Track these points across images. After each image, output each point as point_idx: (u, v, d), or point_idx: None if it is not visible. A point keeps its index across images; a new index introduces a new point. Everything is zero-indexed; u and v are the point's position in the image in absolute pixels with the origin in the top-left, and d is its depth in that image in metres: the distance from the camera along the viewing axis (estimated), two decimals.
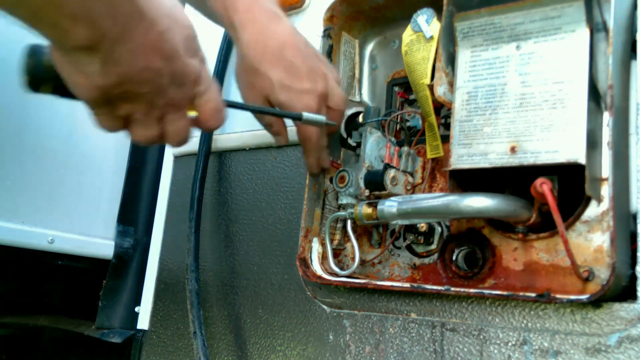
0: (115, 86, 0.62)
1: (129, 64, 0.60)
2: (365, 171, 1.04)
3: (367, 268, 1.10)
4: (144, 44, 0.60)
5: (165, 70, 0.63)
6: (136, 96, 0.64)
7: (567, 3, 0.83)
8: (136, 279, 1.41)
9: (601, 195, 0.83)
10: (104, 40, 0.57)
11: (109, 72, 0.60)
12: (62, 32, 0.55)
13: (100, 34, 0.56)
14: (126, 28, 0.57)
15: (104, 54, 0.58)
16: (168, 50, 0.63)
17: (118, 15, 0.56)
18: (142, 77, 0.62)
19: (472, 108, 0.90)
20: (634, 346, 0.75)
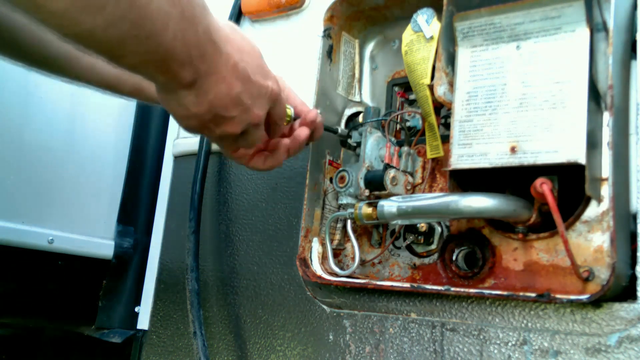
0: (207, 112, 0.75)
1: (215, 92, 0.73)
2: (365, 171, 1.04)
3: (367, 268, 1.10)
4: (224, 74, 0.73)
5: (245, 93, 0.76)
6: (227, 119, 0.77)
7: (567, 3, 0.83)
8: (136, 279, 1.40)
9: (601, 195, 0.83)
10: (199, 76, 0.70)
11: (202, 101, 0.73)
12: (172, 75, 0.68)
13: (197, 73, 0.70)
14: (211, 64, 0.71)
15: (197, 88, 0.71)
16: (243, 76, 0.75)
17: (206, 55, 0.69)
18: (228, 101, 0.75)
19: (472, 108, 0.90)
20: (634, 346, 0.75)
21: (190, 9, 0.65)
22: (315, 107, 1.14)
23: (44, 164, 1.28)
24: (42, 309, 1.38)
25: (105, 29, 0.58)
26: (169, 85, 0.71)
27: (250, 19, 1.29)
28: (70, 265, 1.35)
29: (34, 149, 1.27)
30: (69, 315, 1.41)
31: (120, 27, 0.59)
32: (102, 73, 0.92)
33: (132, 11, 0.59)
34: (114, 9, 0.57)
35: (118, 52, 0.63)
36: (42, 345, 1.47)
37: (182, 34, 0.65)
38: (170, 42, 0.64)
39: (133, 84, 0.94)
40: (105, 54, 0.63)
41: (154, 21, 0.61)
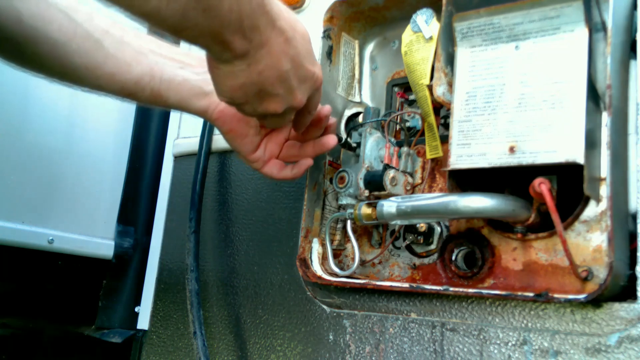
0: (254, 84, 0.77)
1: (265, 63, 0.75)
2: (365, 172, 1.04)
3: (367, 268, 1.10)
4: (276, 48, 0.75)
5: (292, 73, 0.79)
6: (272, 96, 0.80)
7: (565, 3, 0.83)
8: (136, 279, 1.40)
9: (600, 195, 0.83)
10: (252, 46, 0.73)
11: (252, 70, 0.75)
12: (227, 45, 0.71)
13: (250, 43, 0.72)
14: (264, 36, 0.73)
15: (249, 57, 0.74)
16: (292, 55, 0.78)
17: (260, 27, 0.72)
18: (276, 77, 0.77)
19: (471, 108, 0.90)
20: (634, 346, 0.76)
21: None
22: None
23: (44, 164, 1.28)
24: (42, 309, 1.38)
25: (168, 4, 0.62)
26: (224, 54, 0.73)
27: None
28: (70, 265, 1.35)
29: (34, 149, 1.27)
30: (69, 315, 1.41)
31: (179, 3, 0.63)
32: (122, 81, 0.93)
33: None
34: None
35: (180, 26, 0.67)
36: (42, 345, 1.47)
37: (237, 6, 0.68)
38: (226, 14, 0.67)
39: (151, 90, 0.95)
40: (168, 28, 0.67)
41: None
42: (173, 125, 1.41)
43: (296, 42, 0.78)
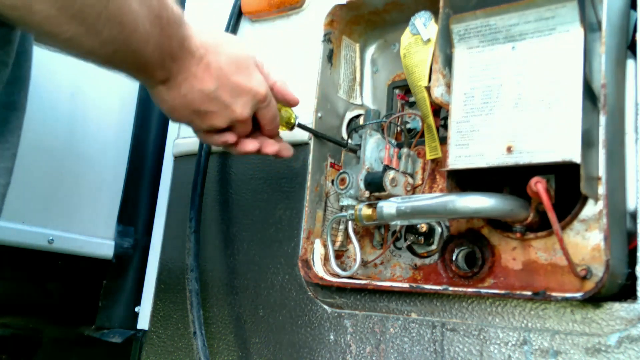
0: (184, 105, 0.87)
1: (186, 87, 0.85)
2: (365, 173, 1.04)
3: (369, 269, 1.11)
4: (196, 73, 0.85)
5: (221, 90, 0.87)
6: (208, 113, 0.88)
7: (560, 4, 0.84)
8: (136, 279, 1.40)
9: (598, 194, 0.83)
10: (171, 75, 0.83)
11: (175, 94, 0.85)
12: (149, 75, 0.82)
13: (169, 72, 0.83)
14: (181, 66, 0.83)
15: (170, 83, 0.84)
16: (217, 74, 0.86)
17: (178, 59, 0.82)
18: (203, 97, 0.86)
19: (469, 109, 0.91)
20: (634, 346, 0.76)
21: (168, 26, 0.78)
22: (316, 111, 1.15)
23: (44, 164, 1.28)
24: (42, 309, 1.38)
25: (101, 47, 0.72)
26: (148, 82, 0.85)
27: (250, 19, 1.30)
28: (70, 265, 1.35)
29: (34, 148, 1.27)
30: (69, 315, 1.41)
31: (112, 46, 0.73)
32: None
33: (122, 34, 0.72)
34: (109, 33, 0.71)
35: (108, 62, 0.77)
36: (42, 345, 1.47)
37: (159, 47, 0.78)
38: (150, 53, 0.78)
39: None
40: (98, 63, 0.77)
41: (138, 41, 0.75)
42: (173, 125, 1.42)
43: (218, 62, 0.86)
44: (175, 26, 0.80)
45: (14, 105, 0.84)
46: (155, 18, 0.76)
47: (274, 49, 1.25)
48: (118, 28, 0.71)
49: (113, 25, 0.70)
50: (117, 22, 0.70)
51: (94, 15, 0.68)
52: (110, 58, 0.76)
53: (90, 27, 0.68)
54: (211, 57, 0.86)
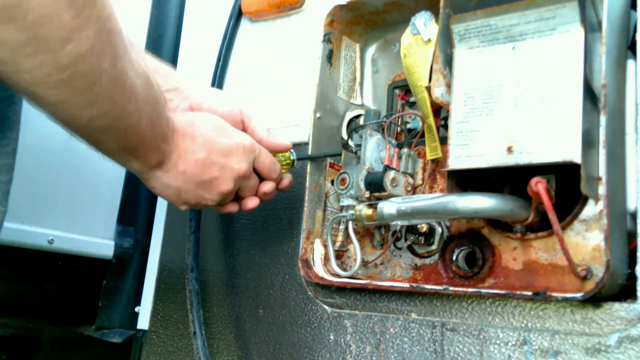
0: (187, 182, 0.88)
1: (182, 162, 0.86)
2: (366, 173, 1.04)
3: (369, 269, 1.11)
4: (184, 147, 0.86)
5: (212, 154, 0.88)
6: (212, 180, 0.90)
7: (561, 4, 0.84)
8: (136, 279, 1.40)
9: (599, 194, 0.83)
10: (165, 156, 0.84)
11: (176, 175, 0.86)
12: (143, 159, 0.82)
13: (163, 153, 0.83)
14: (172, 143, 0.84)
15: (166, 164, 0.85)
16: (203, 141, 0.88)
17: (167, 138, 0.83)
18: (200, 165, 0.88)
19: (469, 109, 0.91)
20: (634, 346, 0.76)
21: (157, 106, 0.79)
22: (315, 111, 1.15)
23: (44, 163, 1.28)
24: (42, 309, 1.38)
25: (90, 121, 0.69)
26: (144, 170, 0.85)
27: (250, 19, 1.30)
28: (70, 265, 1.35)
29: (34, 148, 1.27)
30: (69, 315, 1.41)
31: (104, 120, 0.70)
32: None
33: (116, 109, 0.70)
34: (100, 106, 0.68)
35: (100, 139, 0.75)
36: (42, 345, 1.47)
37: (151, 126, 0.78)
38: (143, 132, 0.77)
39: None
40: (88, 139, 0.74)
41: (132, 116, 0.73)
42: None
43: (200, 131, 0.88)
44: (162, 105, 0.81)
45: (11, 99, 0.83)
46: (147, 95, 0.75)
47: (274, 49, 1.26)
48: (111, 101, 0.69)
49: (106, 97, 0.68)
50: (110, 94, 0.68)
51: (87, 83, 0.65)
52: (99, 135, 0.73)
53: (81, 96, 0.65)
54: (193, 129, 0.87)
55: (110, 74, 0.67)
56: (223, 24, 1.31)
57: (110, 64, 0.66)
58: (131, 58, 0.71)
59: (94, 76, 0.65)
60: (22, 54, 0.59)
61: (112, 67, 0.66)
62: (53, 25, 0.58)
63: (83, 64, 0.63)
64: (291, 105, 1.19)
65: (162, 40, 1.51)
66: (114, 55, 0.67)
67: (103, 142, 0.76)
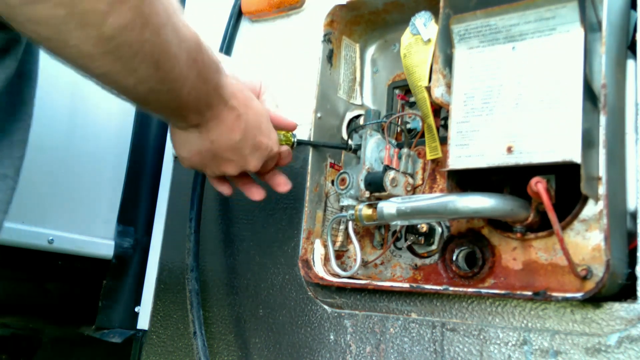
0: (208, 150, 0.90)
1: (216, 133, 0.88)
2: (366, 173, 1.04)
3: (369, 269, 1.11)
4: (227, 122, 0.87)
5: (244, 142, 0.91)
6: (227, 161, 0.93)
7: (561, 4, 0.84)
8: (136, 279, 1.40)
9: (599, 194, 0.83)
10: (204, 120, 0.86)
11: (205, 139, 0.88)
12: (183, 118, 0.85)
13: (203, 117, 0.85)
14: (215, 112, 0.85)
15: (202, 127, 0.87)
16: (244, 128, 0.90)
17: (212, 105, 0.84)
18: (228, 145, 0.90)
19: (469, 109, 0.91)
20: (634, 346, 0.76)
21: (205, 70, 0.79)
22: (316, 111, 1.15)
23: (43, 163, 1.28)
24: (42, 309, 1.38)
25: (136, 85, 0.72)
26: (180, 124, 0.87)
27: (250, 19, 1.30)
28: (70, 265, 1.34)
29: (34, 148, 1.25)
30: (69, 315, 1.41)
31: (147, 85, 0.73)
32: None
33: (158, 74, 0.72)
34: (144, 72, 0.70)
35: (143, 101, 0.78)
36: (42, 345, 1.47)
37: (195, 91, 0.79)
38: (185, 96, 0.78)
39: None
40: (133, 101, 0.78)
41: (174, 81, 0.75)
42: None
43: (248, 117, 0.90)
44: (212, 71, 0.81)
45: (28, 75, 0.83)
46: (192, 61, 0.76)
47: (274, 49, 1.26)
48: (154, 67, 0.70)
49: (149, 64, 0.69)
50: (153, 61, 0.69)
51: (131, 53, 0.66)
52: (144, 97, 0.76)
53: (125, 65, 0.67)
54: (242, 110, 0.89)
55: (153, 42, 0.68)
56: (223, 24, 1.31)
57: (153, 33, 0.67)
58: (176, 24, 0.71)
59: (137, 45, 0.66)
60: (66, 29, 0.60)
61: (155, 35, 0.67)
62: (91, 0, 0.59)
63: (126, 35, 0.64)
64: (291, 105, 1.19)
65: None
66: (156, 24, 0.67)
67: (148, 103, 0.79)
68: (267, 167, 1.01)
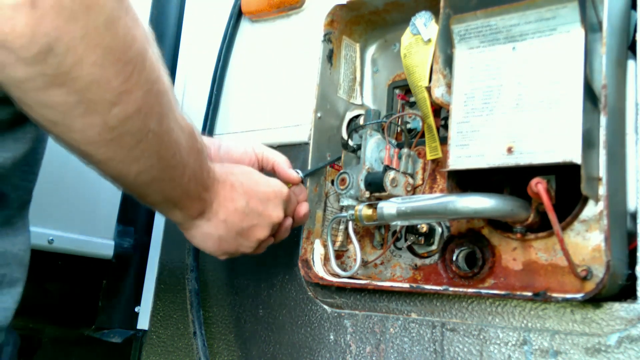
0: (228, 231, 0.90)
1: (224, 211, 0.88)
2: (366, 173, 1.04)
3: (369, 269, 1.11)
4: (226, 195, 0.88)
5: (251, 201, 0.91)
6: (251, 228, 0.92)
7: (561, 4, 0.83)
8: (136, 279, 1.40)
9: (599, 194, 0.83)
10: (207, 205, 0.86)
11: (217, 223, 0.88)
12: (186, 209, 0.85)
13: (205, 202, 0.86)
14: (213, 193, 0.87)
15: (208, 213, 0.87)
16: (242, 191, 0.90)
17: (209, 187, 0.85)
18: (240, 214, 0.90)
19: (469, 109, 0.91)
20: (634, 346, 0.76)
21: (199, 157, 0.80)
22: (316, 110, 1.15)
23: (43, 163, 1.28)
24: (42, 309, 1.38)
25: (138, 174, 0.72)
26: (186, 219, 0.87)
27: (250, 19, 1.30)
28: (70, 265, 1.34)
29: None
30: (69, 315, 1.41)
31: (149, 174, 0.73)
32: None
33: (160, 162, 0.73)
34: (147, 160, 0.70)
35: (147, 192, 0.78)
36: (42, 345, 1.47)
37: (194, 177, 0.81)
38: (186, 183, 0.79)
39: None
40: (135, 192, 0.77)
41: (175, 169, 0.76)
42: None
43: (239, 180, 0.91)
44: (204, 156, 0.83)
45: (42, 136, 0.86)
46: (189, 148, 0.77)
47: (274, 49, 1.25)
48: (157, 156, 0.71)
49: (152, 153, 0.70)
50: (155, 150, 0.70)
51: (134, 141, 0.67)
52: (147, 186, 0.76)
53: (128, 153, 0.68)
54: (232, 178, 0.90)
55: (157, 131, 0.69)
56: (223, 24, 1.31)
57: (157, 123, 0.68)
58: (176, 114, 0.73)
59: (141, 134, 0.67)
60: (72, 115, 0.61)
61: (158, 125, 0.69)
62: (101, 90, 0.60)
63: (131, 124, 0.65)
64: (291, 105, 1.19)
65: (162, 40, 1.51)
66: (160, 114, 0.69)
67: (149, 194, 0.79)
68: (292, 207, 1.01)
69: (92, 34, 0.56)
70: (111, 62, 0.59)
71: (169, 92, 0.71)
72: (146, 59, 0.64)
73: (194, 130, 0.79)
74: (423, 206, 0.90)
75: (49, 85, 0.57)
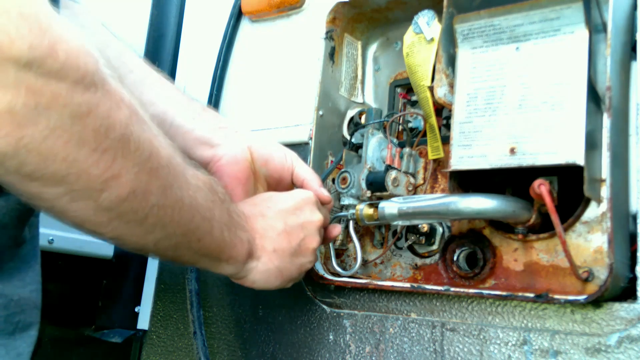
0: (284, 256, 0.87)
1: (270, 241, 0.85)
2: (367, 172, 1.04)
3: (369, 268, 1.11)
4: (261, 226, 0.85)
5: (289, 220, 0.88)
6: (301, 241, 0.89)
7: (566, 4, 0.83)
8: (136, 279, 1.40)
9: (601, 196, 0.83)
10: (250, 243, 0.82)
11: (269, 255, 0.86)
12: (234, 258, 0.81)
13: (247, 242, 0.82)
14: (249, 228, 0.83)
15: (257, 252, 0.84)
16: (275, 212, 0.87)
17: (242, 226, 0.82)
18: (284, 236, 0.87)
19: (472, 109, 0.90)
20: (634, 346, 0.76)
21: (223, 207, 0.77)
22: (317, 108, 1.15)
23: None
24: (42, 309, 1.38)
25: (158, 243, 0.69)
26: (238, 268, 0.83)
27: (250, 19, 1.30)
28: (71, 265, 1.34)
29: None
30: (69, 315, 1.41)
31: (170, 240, 0.70)
32: None
33: (178, 229, 0.69)
34: (162, 231, 0.67)
35: (175, 255, 0.74)
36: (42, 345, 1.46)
37: (226, 226, 0.77)
38: (219, 236, 0.76)
39: None
40: (164, 258, 0.78)
41: (199, 229, 0.72)
42: None
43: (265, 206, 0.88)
44: (228, 202, 0.79)
45: None
46: (212, 203, 0.74)
47: (274, 49, 1.25)
48: (172, 226, 0.68)
49: (164, 224, 0.67)
50: (167, 221, 0.67)
51: (140, 217, 0.64)
52: (173, 252, 0.73)
53: (138, 228, 0.65)
54: (258, 208, 0.87)
55: (162, 204, 0.66)
56: (223, 24, 1.31)
57: (160, 197, 0.65)
58: (186, 178, 0.70)
59: (144, 211, 0.64)
60: (61, 202, 0.59)
61: (163, 198, 0.66)
62: (82, 180, 0.58)
63: (127, 205, 0.62)
64: (291, 105, 1.19)
65: (162, 40, 1.51)
66: (163, 187, 0.66)
67: (180, 256, 0.75)
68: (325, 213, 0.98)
69: (57, 132, 0.53)
70: (86, 154, 0.56)
71: (170, 162, 0.67)
72: (130, 142, 0.60)
73: (212, 184, 0.76)
74: (425, 206, 0.90)
75: (25, 180, 0.56)
